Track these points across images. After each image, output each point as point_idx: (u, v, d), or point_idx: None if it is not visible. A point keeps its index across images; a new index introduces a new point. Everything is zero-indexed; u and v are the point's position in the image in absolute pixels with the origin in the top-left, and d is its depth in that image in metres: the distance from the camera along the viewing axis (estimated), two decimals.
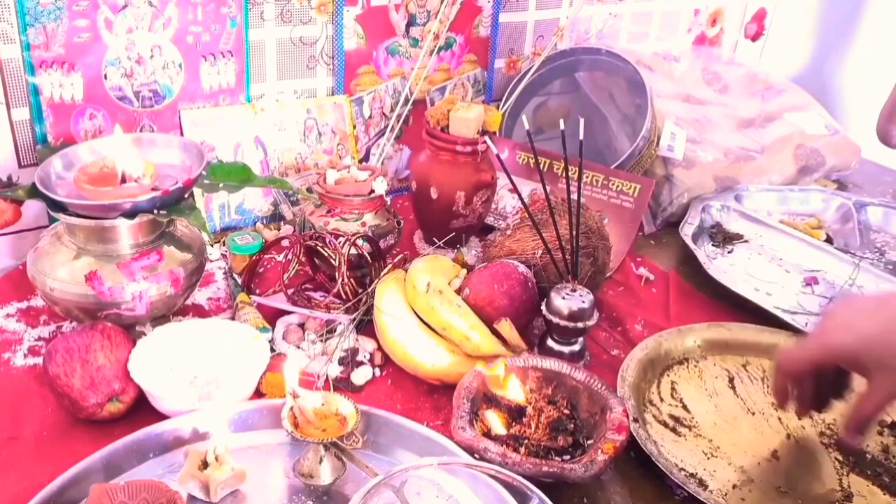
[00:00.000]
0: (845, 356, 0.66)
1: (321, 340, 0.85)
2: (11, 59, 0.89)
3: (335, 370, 0.82)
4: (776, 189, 1.27)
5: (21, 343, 0.84)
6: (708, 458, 0.75)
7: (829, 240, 1.17)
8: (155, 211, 0.79)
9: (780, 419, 0.81)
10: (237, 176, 0.91)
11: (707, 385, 0.85)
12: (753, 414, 0.81)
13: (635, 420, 0.74)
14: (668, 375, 0.85)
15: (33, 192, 0.80)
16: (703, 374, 0.86)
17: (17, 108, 0.91)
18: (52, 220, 0.90)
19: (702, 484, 0.71)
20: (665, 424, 0.79)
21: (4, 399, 0.76)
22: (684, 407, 0.81)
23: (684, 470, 0.73)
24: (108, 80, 0.95)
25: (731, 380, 0.86)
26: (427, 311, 0.83)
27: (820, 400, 0.72)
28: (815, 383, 0.70)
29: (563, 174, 0.88)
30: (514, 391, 0.73)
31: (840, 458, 0.76)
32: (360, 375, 0.82)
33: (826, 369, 0.69)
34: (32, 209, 0.96)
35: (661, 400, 0.82)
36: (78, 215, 0.78)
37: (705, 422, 0.80)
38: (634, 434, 0.72)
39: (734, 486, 0.72)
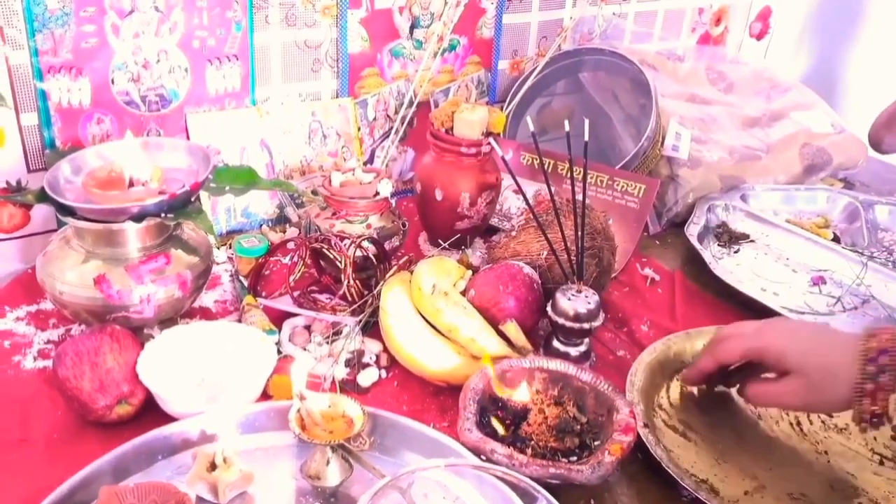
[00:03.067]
0: (774, 352, 0.71)
1: (327, 342, 0.86)
2: (20, 65, 0.89)
3: (341, 372, 0.83)
4: (782, 188, 1.26)
5: (30, 346, 0.84)
6: (719, 464, 0.74)
7: (836, 239, 1.17)
8: (162, 214, 0.79)
9: (791, 424, 0.80)
10: (243, 179, 0.91)
11: (718, 389, 0.84)
12: (764, 420, 0.81)
13: (645, 425, 0.74)
14: (677, 379, 0.85)
15: (42, 196, 0.81)
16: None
17: (25, 113, 0.92)
18: (61, 224, 0.91)
19: (713, 490, 0.71)
20: (675, 429, 0.78)
21: (14, 402, 0.76)
22: (694, 411, 0.81)
23: (695, 476, 0.72)
24: (115, 85, 0.96)
25: None
26: (432, 313, 0.83)
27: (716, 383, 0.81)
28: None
29: (568, 175, 0.88)
30: (520, 392, 0.73)
31: (848, 470, 0.75)
32: (367, 377, 0.82)
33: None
34: (41, 213, 0.97)
35: (671, 405, 0.81)
36: (86, 219, 0.78)
37: (716, 427, 0.79)
38: (644, 439, 0.72)
39: (745, 493, 0.71)
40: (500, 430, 0.71)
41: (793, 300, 1.01)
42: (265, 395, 0.78)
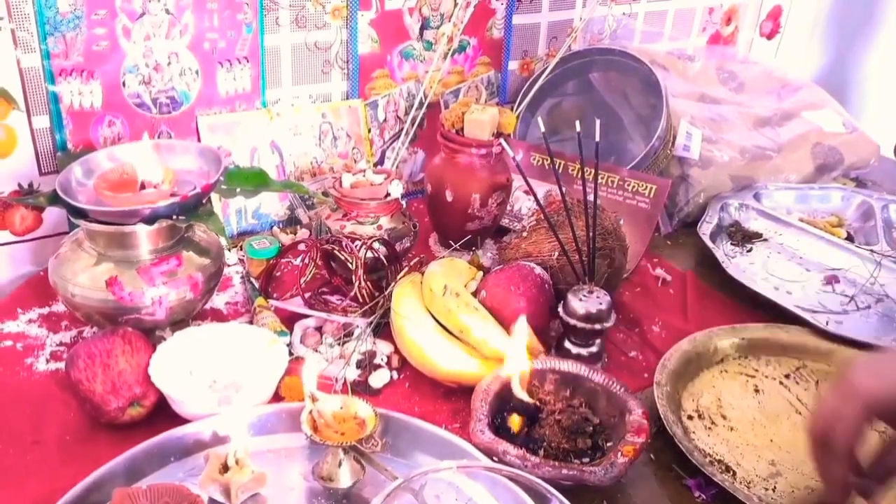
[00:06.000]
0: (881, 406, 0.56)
1: (339, 344, 0.86)
2: (32, 68, 0.90)
3: (353, 373, 0.83)
4: (796, 187, 1.26)
5: (43, 348, 0.85)
6: (738, 448, 0.75)
7: (849, 238, 1.16)
8: (174, 216, 0.80)
9: None
10: (254, 181, 0.92)
11: (753, 384, 0.85)
12: (800, 414, 0.81)
13: (673, 413, 0.75)
14: (710, 370, 0.86)
15: (54, 198, 0.81)
16: (751, 373, 0.87)
17: (37, 116, 0.93)
18: (73, 226, 0.91)
19: (728, 470, 0.72)
20: (700, 416, 0.79)
21: (27, 404, 0.77)
22: (724, 403, 0.82)
23: (710, 455, 0.73)
24: (126, 88, 0.96)
25: (780, 382, 0.86)
26: (444, 314, 0.83)
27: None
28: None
29: (579, 175, 0.87)
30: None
31: None
32: (378, 378, 0.82)
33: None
34: (53, 216, 0.97)
35: (701, 393, 0.83)
36: (98, 221, 0.79)
37: (744, 417, 0.80)
38: (663, 419, 0.73)
39: (761, 478, 0.72)
40: (517, 422, 0.71)
41: (806, 299, 1.00)
42: (277, 397, 0.78)
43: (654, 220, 1.08)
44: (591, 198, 0.86)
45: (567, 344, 0.85)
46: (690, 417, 0.79)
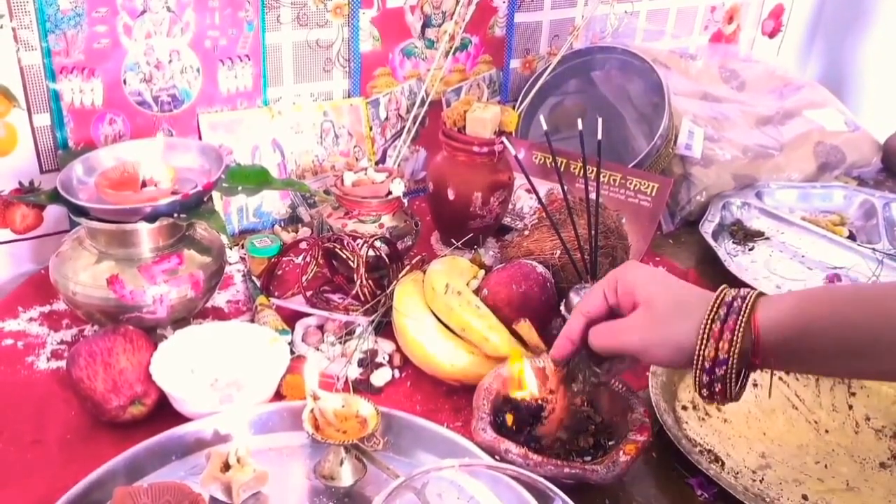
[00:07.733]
0: (626, 281, 0.65)
1: (340, 342, 0.86)
2: (32, 66, 0.90)
3: (354, 372, 0.82)
4: (798, 186, 1.26)
5: (44, 347, 0.84)
6: (729, 440, 0.76)
7: (851, 236, 1.16)
8: (175, 215, 0.80)
9: (815, 422, 0.80)
10: (255, 179, 0.91)
11: (752, 378, 0.84)
12: (796, 409, 0.81)
13: (666, 402, 0.75)
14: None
15: (55, 196, 0.81)
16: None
17: (38, 114, 0.92)
18: (74, 224, 0.91)
19: (717, 460, 0.73)
20: (695, 407, 0.80)
21: (28, 402, 0.77)
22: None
23: (699, 445, 0.74)
24: (127, 86, 0.96)
25: (780, 377, 0.85)
26: (446, 312, 0.82)
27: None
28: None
29: (581, 174, 0.87)
30: (532, 387, 0.73)
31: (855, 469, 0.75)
32: (380, 377, 0.82)
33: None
34: (54, 214, 0.97)
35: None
36: (99, 219, 0.79)
37: (739, 410, 0.80)
38: (654, 407, 0.74)
39: (750, 469, 0.72)
40: (510, 420, 0.71)
41: None
42: (278, 396, 0.78)
43: (656, 218, 1.08)
44: (592, 196, 0.85)
45: None
46: (685, 408, 0.79)
